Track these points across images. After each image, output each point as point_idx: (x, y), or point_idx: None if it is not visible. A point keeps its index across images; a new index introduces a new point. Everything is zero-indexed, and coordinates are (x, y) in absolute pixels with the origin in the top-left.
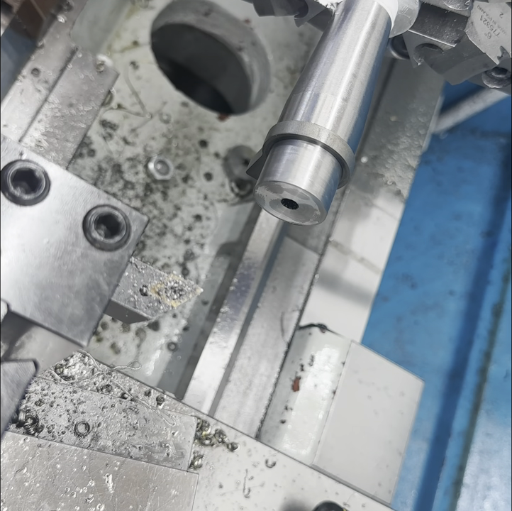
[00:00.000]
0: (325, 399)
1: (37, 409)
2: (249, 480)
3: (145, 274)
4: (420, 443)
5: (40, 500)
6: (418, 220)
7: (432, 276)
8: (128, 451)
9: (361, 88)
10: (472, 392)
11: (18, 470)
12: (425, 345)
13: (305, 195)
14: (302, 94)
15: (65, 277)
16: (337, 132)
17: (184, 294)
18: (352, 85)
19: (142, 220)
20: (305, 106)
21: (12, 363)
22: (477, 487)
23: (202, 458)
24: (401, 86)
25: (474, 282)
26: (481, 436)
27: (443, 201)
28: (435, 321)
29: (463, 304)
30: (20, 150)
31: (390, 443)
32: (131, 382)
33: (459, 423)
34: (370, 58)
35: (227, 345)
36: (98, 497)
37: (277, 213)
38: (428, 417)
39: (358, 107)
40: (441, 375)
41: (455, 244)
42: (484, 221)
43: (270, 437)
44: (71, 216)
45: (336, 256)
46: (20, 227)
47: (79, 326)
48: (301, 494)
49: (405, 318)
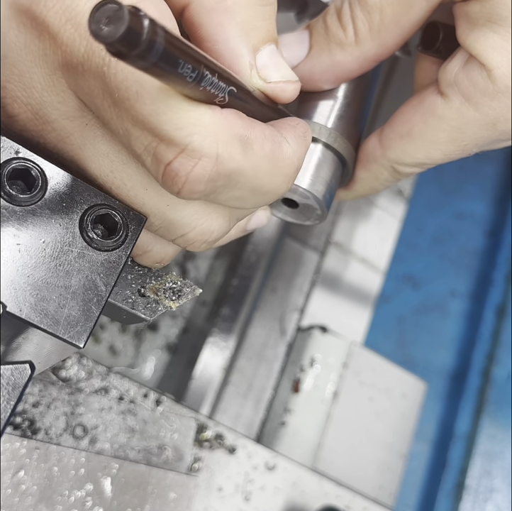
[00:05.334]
0: (326, 400)
1: (34, 411)
2: (249, 483)
3: (143, 274)
4: (422, 445)
5: (37, 503)
6: (419, 220)
7: (434, 276)
8: (127, 453)
9: (362, 86)
10: (475, 393)
11: (14, 472)
12: (426, 347)
13: (306, 194)
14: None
15: (62, 278)
16: (338, 130)
17: (183, 294)
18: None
19: (140, 219)
20: (305, 104)
21: (7, 365)
22: (479, 490)
23: (201, 460)
24: (403, 84)
25: (477, 282)
26: (483, 438)
27: (445, 201)
28: (437, 322)
29: (465, 304)
30: (16, 148)
31: (391, 446)
32: (130, 383)
33: (461, 425)
34: None
35: (227, 345)
36: (96, 500)
37: (277, 213)
38: (430, 419)
39: (360, 105)
40: (443, 377)
41: (457, 244)
42: (487, 221)
43: (270, 439)
44: (67, 216)
45: (337, 256)
46: (15, 227)
47: (75, 328)
48: (301, 496)
49: (406, 319)
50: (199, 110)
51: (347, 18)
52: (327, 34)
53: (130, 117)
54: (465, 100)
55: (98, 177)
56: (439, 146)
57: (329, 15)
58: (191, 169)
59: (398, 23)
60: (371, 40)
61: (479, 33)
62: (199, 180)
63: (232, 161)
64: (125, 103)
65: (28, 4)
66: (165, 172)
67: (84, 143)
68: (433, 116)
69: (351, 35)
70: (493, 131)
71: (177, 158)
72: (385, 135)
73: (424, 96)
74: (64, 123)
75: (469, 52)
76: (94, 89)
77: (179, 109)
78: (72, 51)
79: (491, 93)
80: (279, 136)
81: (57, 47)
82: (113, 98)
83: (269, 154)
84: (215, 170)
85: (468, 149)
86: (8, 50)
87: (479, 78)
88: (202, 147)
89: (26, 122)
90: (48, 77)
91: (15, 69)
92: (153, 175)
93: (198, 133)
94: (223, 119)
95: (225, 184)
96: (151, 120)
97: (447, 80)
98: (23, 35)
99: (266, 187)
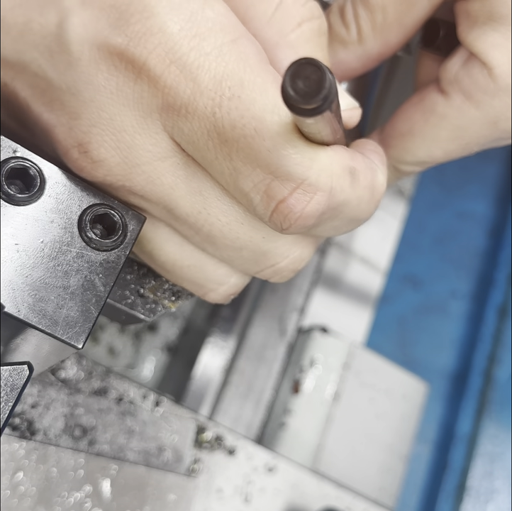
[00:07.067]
0: (326, 401)
1: (33, 412)
2: (249, 484)
3: (142, 274)
4: (423, 446)
5: (36, 505)
6: (420, 220)
7: (435, 277)
8: (126, 454)
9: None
10: (476, 394)
11: (13, 474)
12: (427, 347)
13: None
14: None
15: (60, 278)
16: None
17: (182, 295)
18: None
19: (140, 219)
20: None
21: (6, 366)
22: (481, 491)
23: (201, 461)
24: (404, 83)
25: (478, 282)
26: (485, 439)
27: (446, 201)
28: (438, 322)
29: (467, 305)
30: (15, 147)
31: (392, 447)
32: (129, 384)
33: (462, 426)
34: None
35: (227, 346)
36: (95, 502)
37: None
38: (431, 420)
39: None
40: (444, 378)
41: (459, 244)
42: (488, 221)
43: (270, 440)
44: (66, 215)
45: (337, 256)
46: (14, 226)
47: (74, 328)
48: (301, 498)
49: (407, 319)
50: (314, 145)
51: (349, 17)
52: (330, 32)
53: (243, 155)
54: (466, 98)
55: (190, 215)
56: (440, 144)
57: (332, 14)
58: (306, 205)
59: (400, 22)
60: (374, 39)
61: (479, 31)
62: (313, 215)
63: (342, 193)
64: (240, 141)
65: (123, 47)
66: (277, 209)
67: (176, 183)
68: (434, 114)
69: (354, 33)
70: (494, 130)
71: (293, 194)
72: (386, 133)
73: (425, 94)
74: (156, 165)
75: (469, 50)
76: (198, 130)
77: (297, 144)
78: (176, 93)
79: (492, 91)
80: (372, 164)
81: (158, 90)
82: (222, 137)
83: (371, 183)
84: (328, 204)
85: (469, 148)
86: (96, 94)
87: (479, 76)
88: (318, 182)
89: (113, 166)
90: (142, 120)
91: (104, 113)
92: (258, 213)
93: (315, 168)
94: (334, 152)
95: (330, 217)
96: (269, 156)
97: (447, 78)
98: (114, 78)
99: (363, 215)
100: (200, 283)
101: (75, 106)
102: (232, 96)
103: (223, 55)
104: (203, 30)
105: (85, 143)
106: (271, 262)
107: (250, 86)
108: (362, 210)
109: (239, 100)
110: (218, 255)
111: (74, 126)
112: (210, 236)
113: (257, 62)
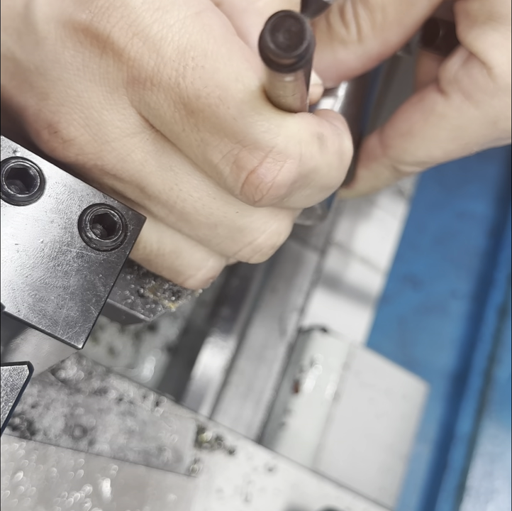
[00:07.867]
0: (326, 401)
1: (33, 412)
2: (249, 484)
3: (142, 274)
4: (423, 446)
5: (36, 505)
6: (420, 220)
7: (435, 277)
8: (126, 454)
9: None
10: (476, 394)
11: (13, 474)
12: (427, 347)
13: None
14: None
15: (60, 278)
16: None
17: (182, 295)
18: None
19: (140, 219)
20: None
21: (6, 366)
22: (481, 491)
23: (201, 461)
24: (404, 83)
25: (478, 282)
26: (485, 439)
27: (446, 201)
28: (438, 322)
29: (466, 305)
30: (15, 147)
31: (392, 447)
32: (129, 384)
33: (462, 426)
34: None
35: (227, 346)
36: (95, 502)
37: None
38: (431, 420)
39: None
40: (444, 377)
41: (458, 244)
42: (488, 221)
43: (270, 440)
44: (66, 215)
45: (337, 256)
46: (14, 227)
47: (74, 328)
48: (301, 498)
49: (407, 319)
50: (281, 111)
51: (349, 17)
52: (330, 32)
53: (209, 125)
54: (465, 98)
55: (162, 191)
56: (439, 144)
57: (332, 14)
58: (277, 174)
59: (400, 21)
60: (374, 38)
61: (479, 30)
62: (284, 184)
63: (312, 160)
64: (205, 110)
65: (88, 22)
66: (247, 181)
67: (146, 159)
68: (434, 114)
69: (354, 33)
70: (494, 130)
71: (263, 163)
72: (386, 133)
73: (424, 94)
74: (125, 141)
75: (469, 50)
76: (164, 102)
77: (264, 111)
78: (140, 65)
79: (492, 91)
80: (338, 129)
81: (123, 63)
82: (187, 108)
83: (338, 149)
84: (298, 171)
85: (469, 147)
86: (63, 71)
87: (479, 76)
88: (287, 149)
89: (83, 145)
90: (109, 95)
91: (72, 91)
92: (229, 185)
93: (283, 135)
94: (302, 118)
95: (301, 185)
96: (235, 124)
97: (447, 78)
98: (80, 55)
99: (333, 182)
100: (179, 270)
101: (43, 86)
102: (195, 66)
103: (186, 26)
104: (166, 3)
105: (54, 122)
106: (249, 239)
107: (214, 56)
108: (332, 176)
109: (202, 70)
110: (194, 234)
111: (43, 107)
112: (184, 213)
113: (222, 34)
